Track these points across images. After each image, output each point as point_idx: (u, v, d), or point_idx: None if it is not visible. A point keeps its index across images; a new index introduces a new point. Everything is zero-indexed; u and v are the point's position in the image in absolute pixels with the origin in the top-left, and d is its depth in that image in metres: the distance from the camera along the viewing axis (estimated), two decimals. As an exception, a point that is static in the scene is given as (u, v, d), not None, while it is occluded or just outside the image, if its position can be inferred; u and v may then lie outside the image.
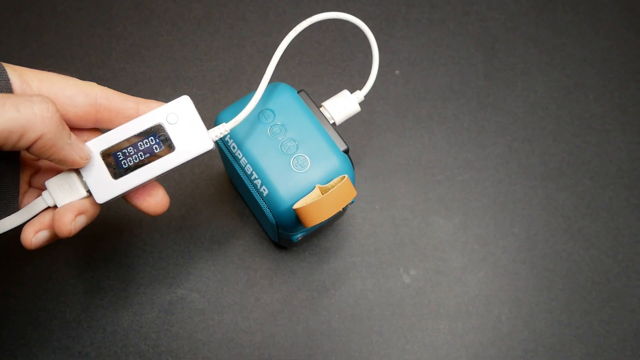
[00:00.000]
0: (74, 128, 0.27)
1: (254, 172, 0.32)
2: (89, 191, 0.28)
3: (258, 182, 0.32)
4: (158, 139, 0.28)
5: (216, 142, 0.34)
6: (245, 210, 0.42)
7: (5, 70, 0.25)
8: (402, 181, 0.43)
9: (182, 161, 0.28)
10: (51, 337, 0.38)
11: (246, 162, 0.32)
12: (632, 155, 0.45)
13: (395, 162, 0.44)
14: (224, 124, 0.30)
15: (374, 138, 0.45)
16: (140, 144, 0.28)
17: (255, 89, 0.36)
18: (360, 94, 0.36)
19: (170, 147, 0.28)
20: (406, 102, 0.46)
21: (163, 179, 0.43)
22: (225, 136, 0.33)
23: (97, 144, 0.27)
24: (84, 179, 0.27)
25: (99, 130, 0.29)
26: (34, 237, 0.28)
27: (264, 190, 0.32)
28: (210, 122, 0.44)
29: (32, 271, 0.40)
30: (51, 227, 0.28)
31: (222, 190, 0.43)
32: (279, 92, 0.34)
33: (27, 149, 0.24)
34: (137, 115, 0.28)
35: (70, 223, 0.27)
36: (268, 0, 0.49)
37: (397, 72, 0.47)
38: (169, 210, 0.42)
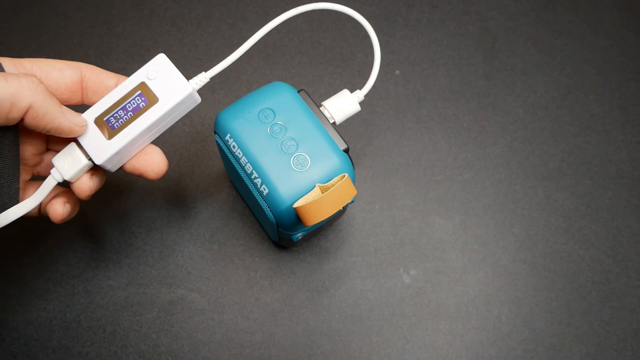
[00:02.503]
0: (65, 104, 0.30)
1: (254, 172, 0.32)
2: (90, 158, 0.30)
3: (258, 181, 0.32)
4: (142, 96, 0.30)
5: (216, 142, 0.34)
6: (245, 210, 0.42)
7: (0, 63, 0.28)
8: (402, 181, 0.43)
9: (167, 109, 0.30)
10: (51, 337, 0.38)
11: (246, 161, 0.32)
12: (632, 155, 0.45)
13: (395, 162, 0.44)
14: (204, 72, 0.32)
15: (374, 138, 0.45)
16: (128, 105, 0.30)
17: (255, 89, 0.36)
18: (360, 94, 0.36)
19: (153, 100, 0.30)
20: (406, 102, 0.46)
21: (163, 181, 0.43)
22: (225, 135, 0.33)
23: (90, 114, 0.30)
24: (83, 146, 0.30)
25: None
26: (63, 207, 0.31)
27: (264, 190, 0.32)
28: (210, 122, 0.44)
29: (32, 271, 0.40)
30: (69, 199, 0.32)
31: (222, 190, 0.42)
32: (279, 92, 0.34)
33: (22, 121, 0.27)
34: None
35: (89, 181, 0.30)
36: (268, 0, 0.49)
37: (397, 72, 0.47)
38: (169, 210, 0.42)
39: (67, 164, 0.30)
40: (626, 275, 0.41)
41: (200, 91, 0.46)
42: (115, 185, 0.42)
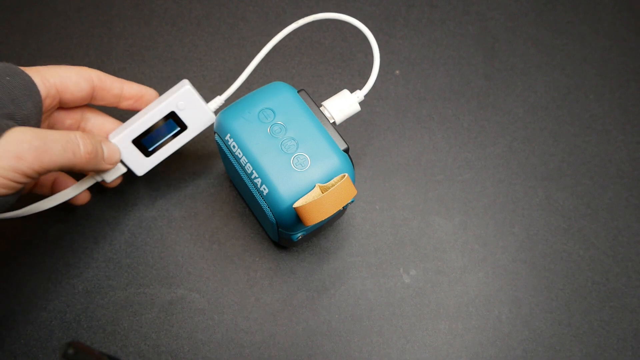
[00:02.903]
0: (77, 107, 0.36)
1: (254, 172, 0.32)
2: (127, 168, 0.37)
3: (258, 181, 0.32)
4: (173, 122, 0.36)
5: (216, 142, 0.35)
6: (245, 210, 0.42)
7: (29, 77, 0.31)
8: (402, 181, 0.43)
9: (194, 135, 0.37)
10: (51, 337, 0.38)
11: (246, 161, 0.32)
12: (632, 155, 0.45)
13: (395, 162, 0.44)
14: (218, 96, 0.37)
15: (374, 138, 0.45)
16: (161, 130, 0.36)
17: (255, 89, 0.36)
18: (360, 94, 0.36)
19: (183, 127, 0.37)
20: (406, 102, 0.46)
21: (163, 181, 0.43)
22: (225, 135, 0.33)
23: (129, 135, 0.36)
24: (124, 162, 0.36)
25: (88, 106, 0.37)
26: (89, 195, 0.39)
27: (264, 190, 0.32)
28: (210, 122, 0.44)
29: (32, 271, 0.40)
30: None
31: (222, 190, 0.42)
32: (279, 92, 0.34)
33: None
34: (121, 93, 0.36)
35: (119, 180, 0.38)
36: (268, 0, 0.49)
37: (397, 72, 0.47)
38: (169, 210, 0.42)
39: (110, 171, 0.36)
40: (626, 275, 0.41)
41: (200, 91, 0.46)
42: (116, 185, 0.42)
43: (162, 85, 0.45)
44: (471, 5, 0.50)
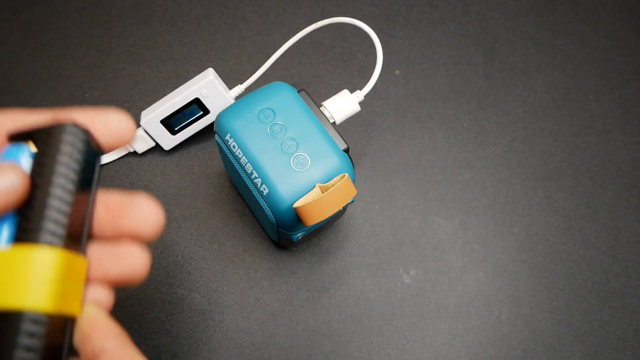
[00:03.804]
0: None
1: (254, 171, 0.32)
2: (156, 142, 0.42)
3: (258, 181, 0.32)
4: (197, 107, 0.40)
5: (216, 142, 0.35)
6: (245, 210, 0.42)
7: None
8: (402, 181, 0.43)
9: (214, 119, 0.39)
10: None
11: (246, 161, 0.32)
12: (632, 155, 0.45)
13: (395, 162, 0.44)
14: (240, 85, 0.41)
15: (374, 138, 0.45)
16: (186, 112, 0.40)
17: (255, 89, 0.36)
18: (360, 94, 0.36)
19: (205, 111, 0.41)
20: (406, 102, 0.46)
21: (163, 182, 0.43)
22: (225, 135, 0.33)
23: (158, 116, 0.40)
24: (153, 137, 0.41)
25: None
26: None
27: (264, 189, 0.32)
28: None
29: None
30: None
31: (222, 190, 0.42)
32: (279, 92, 0.34)
33: None
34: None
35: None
36: (268, 0, 0.49)
37: (397, 72, 0.47)
38: (169, 210, 0.42)
39: (141, 144, 0.42)
40: (626, 275, 0.41)
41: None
42: (116, 185, 0.42)
43: (162, 86, 0.45)
44: (471, 5, 0.50)
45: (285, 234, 0.35)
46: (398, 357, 0.39)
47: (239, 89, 0.41)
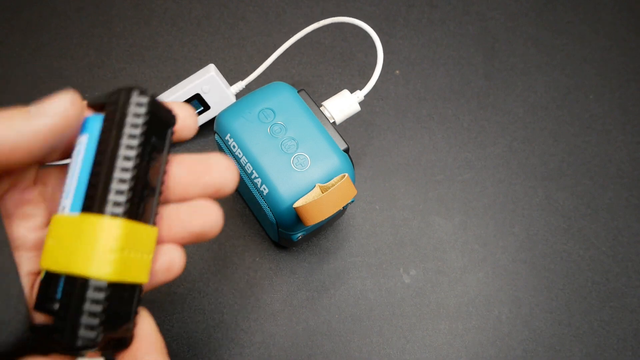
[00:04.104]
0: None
1: (254, 171, 0.32)
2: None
3: (258, 181, 0.32)
4: (198, 103, 0.41)
5: (216, 142, 0.35)
6: (245, 210, 0.42)
7: None
8: (402, 181, 0.43)
9: (214, 115, 0.41)
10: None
11: (246, 161, 0.32)
12: (632, 155, 0.45)
13: (395, 162, 0.44)
14: (240, 81, 0.41)
15: (374, 138, 0.45)
16: None
17: (255, 89, 0.36)
18: (360, 94, 0.36)
19: (206, 106, 0.41)
20: (406, 102, 0.46)
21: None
22: (225, 135, 0.33)
23: None
24: None
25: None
26: None
27: (264, 189, 0.32)
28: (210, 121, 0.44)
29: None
30: None
31: (222, 190, 0.42)
32: (279, 92, 0.34)
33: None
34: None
35: None
36: (268, 0, 0.49)
37: (397, 72, 0.47)
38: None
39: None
40: (626, 275, 0.41)
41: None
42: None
43: (162, 86, 0.45)
44: (471, 5, 0.50)
45: (285, 234, 0.35)
46: (398, 357, 0.39)
47: (240, 85, 0.41)
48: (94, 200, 0.18)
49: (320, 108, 0.35)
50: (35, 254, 0.21)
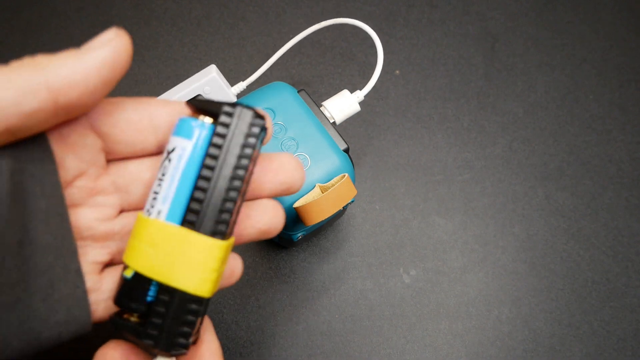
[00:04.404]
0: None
1: (254, 172, 0.32)
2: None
3: (258, 181, 0.32)
4: None
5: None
6: (245, 210, 0.42)
7: None
8: (402, 181, 0.43)
9: None
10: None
11: (246, 161, 0.32)
12: (632, 155, 0.45)
13: (395, 162, 0.44)
14: (242, 82, 0.41)
15: (374, 138, 0.45)
16: None
17: (255, 88, 0.36)
18: (360, 94, 0.36)
19: None
20: (406, 102, 0.46)
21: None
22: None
23: None
24: None
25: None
26: None
27: (264, 190, 0.32)
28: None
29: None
30: None
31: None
32: (279, 91, 0.34)
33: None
34: None
35: None
36: (268, 0, 0.49)
37: (397, 72, 0.47)
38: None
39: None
40: (626, 275, 0.41)
41: (200, 91, 0.46)
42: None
43: (162, 86, 0.45)
44: (471, 5, 0.50)
45: (285, 234, 0.35)
46: (398, 357, 0.39)
47: (241, 85, 0.41)
48: (200, 219, 0.18)
49: (320, 108, 0.35)
50: (102, 244, 0.21)
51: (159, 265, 0.18)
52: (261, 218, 0.21)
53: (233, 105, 0.19)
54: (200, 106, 0.20)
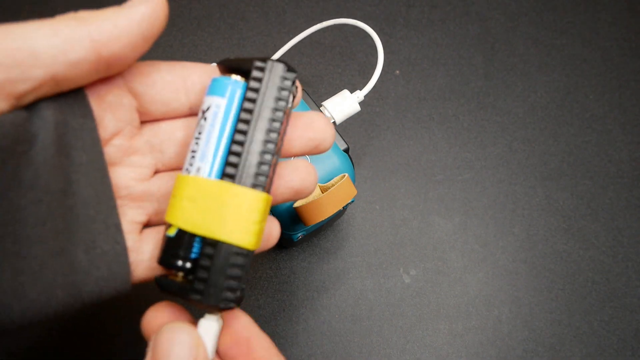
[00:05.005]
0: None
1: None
2: None
3: (258, 181, 0.32)
4: None
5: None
6: (245, 210, 0.42)
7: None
8: (402, 181, 0.43)
9: None
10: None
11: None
12: (632, 155, 0.45)
13: (395, 162, 0.44)
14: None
15: (374, 138, 0.45)
16: None
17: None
18: (360, 94, 0.36)
19: None
20: (406, 102, 0.46)
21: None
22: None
23: None
24: None
25: None
26: None
27: (264, 190, 0.32)
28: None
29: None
30: None
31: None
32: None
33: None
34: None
35: None
36: (268, 0, 0.49)
37: (397, 72, 0.47)
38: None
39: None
40: (626, 275, 0.41)
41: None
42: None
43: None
44: (471, 5, 0.50)
45: (285, 234, 0.35)
46: (398, 357, 0.39)
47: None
48: (240, 171, 0.18)
49: (320, 108, 0.35)
50: (140, 204, 0.21)
51: (202, 220, 0.18)
52: (294, 177, 0.21)
53: (264, 59, 0.19)
54: (231, 65, 0.20)
